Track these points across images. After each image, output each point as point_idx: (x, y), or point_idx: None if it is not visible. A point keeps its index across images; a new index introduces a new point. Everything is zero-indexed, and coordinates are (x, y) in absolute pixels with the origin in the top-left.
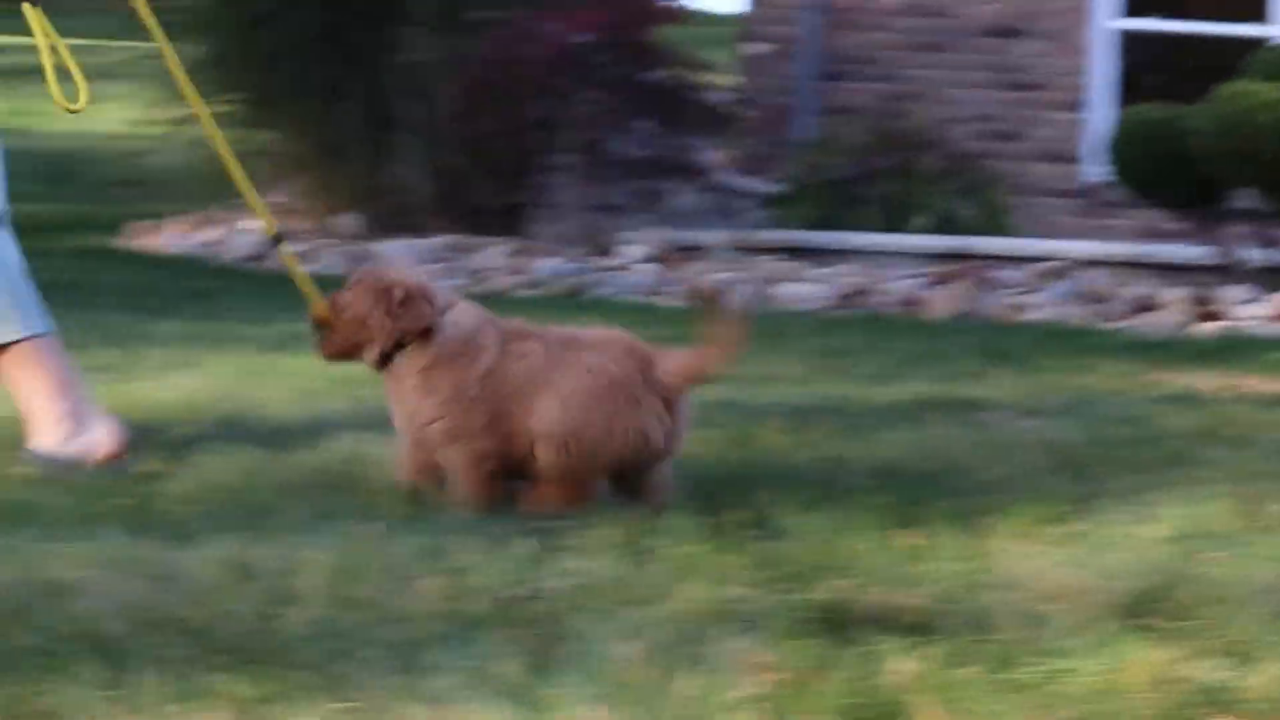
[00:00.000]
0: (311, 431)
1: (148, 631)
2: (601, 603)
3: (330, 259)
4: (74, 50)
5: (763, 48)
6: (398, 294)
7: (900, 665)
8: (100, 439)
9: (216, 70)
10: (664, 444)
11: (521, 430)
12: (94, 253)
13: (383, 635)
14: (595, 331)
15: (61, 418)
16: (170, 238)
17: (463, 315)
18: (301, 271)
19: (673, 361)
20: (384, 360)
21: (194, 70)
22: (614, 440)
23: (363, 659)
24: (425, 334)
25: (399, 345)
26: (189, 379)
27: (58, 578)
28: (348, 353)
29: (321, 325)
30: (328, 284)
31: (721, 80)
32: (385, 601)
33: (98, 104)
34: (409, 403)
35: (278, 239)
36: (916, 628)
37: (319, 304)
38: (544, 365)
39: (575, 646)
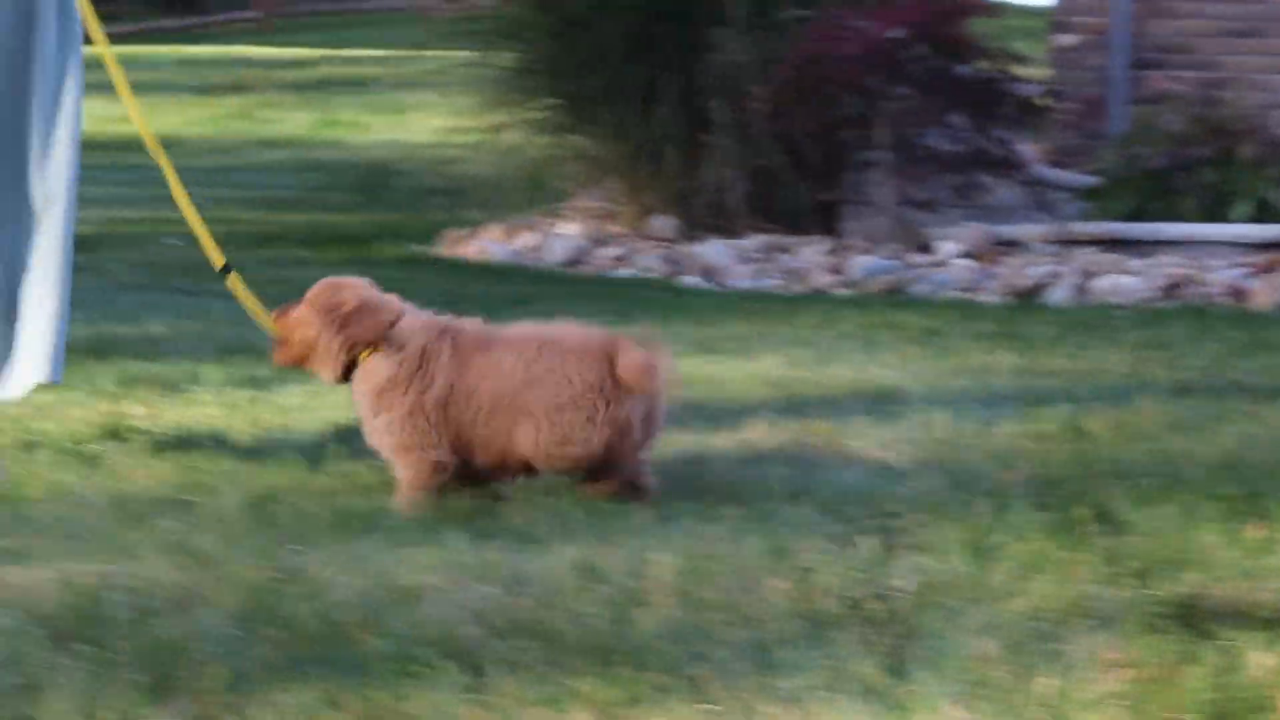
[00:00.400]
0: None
1: (502, 636)
2: (951, 601)
3: (647, 261)
4: (380, 61)
5: (1073, 39)
6: (345, 309)
7: (1262, 660)
8: None
9: (530, 76)
10: (643, 434)
11: (499, 447)
12: (412, 261)
13: (735, 636)
14: (562, 331)
15: None
16: (486, 245)
17: (414, 327)
18: (248, 295)
19: (630, 358)
20: (345, 374)
21: (508, 77)
22: (598, 441)
23: (717, 660)
24: (376, 346)
25: (352, 360)
26: None
27: (406, 583)
28: (299, 363)
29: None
30: (646, 286)
31: (1033, 73)
32: (735, 602)
33: (410, 113)
34: (364, 419)
35: (225, 269)
36: (1272, 622)
37: (266, 320)
38: (516, 384)
39: (929, 645)
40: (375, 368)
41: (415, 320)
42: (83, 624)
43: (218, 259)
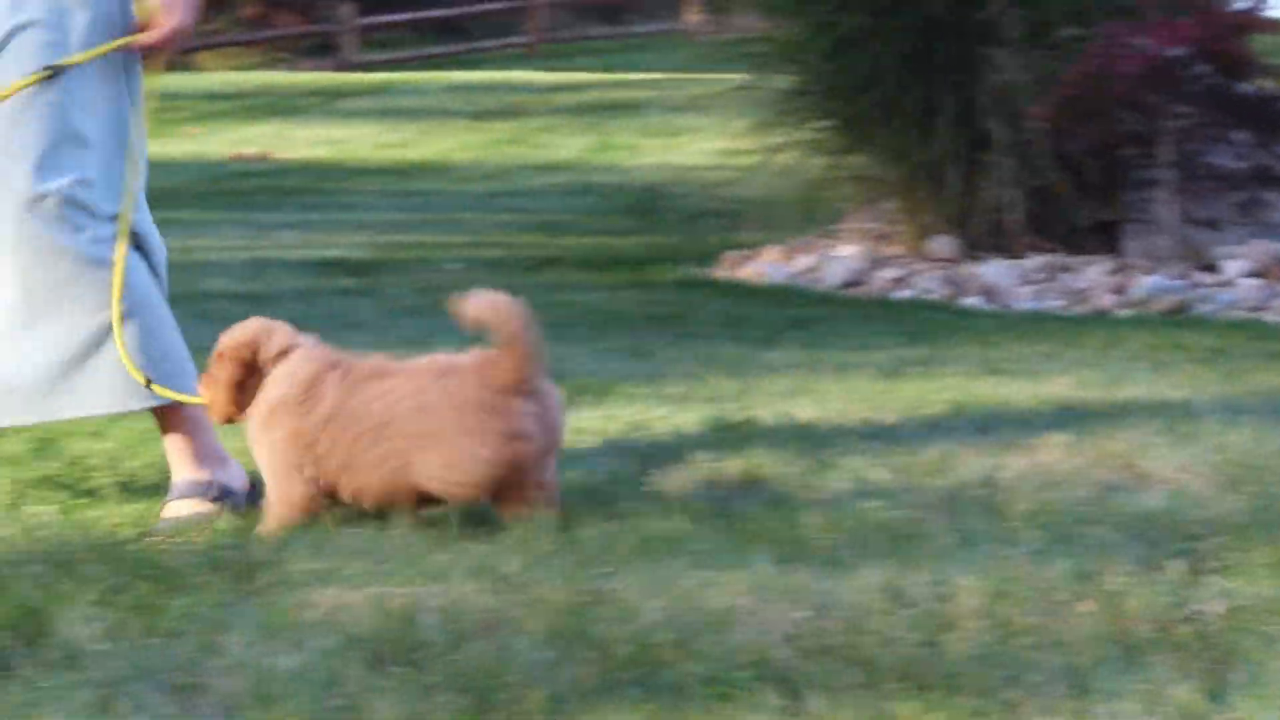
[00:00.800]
0: (942, 455)
1: (814, 659)
2: (1263, 624)
3: (926, 282)
4: (651, 85)
5: None
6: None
7: None
8: None
9: (805, 98)
10: (543, 440)
11: (389, 472)
12: (692, 284)
13: (1046, 660)
14: (456, 358)
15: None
16: (764, 266)
17: (309, 357)
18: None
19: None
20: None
21: (782, 98)
22: (500, 461)
23: (1031, 684)
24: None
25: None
26: (809, 407)
27: (716, 606)
28: (232, 417)
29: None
30: (927, 307)
31: None
32: (1044, 626)
33: (682, 135)
34: (251, 439)
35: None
36: None
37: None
38: (407, 409)
39: (1246, 669)
40: (269, 390)
41: (312, 351)
42: (398, 646)
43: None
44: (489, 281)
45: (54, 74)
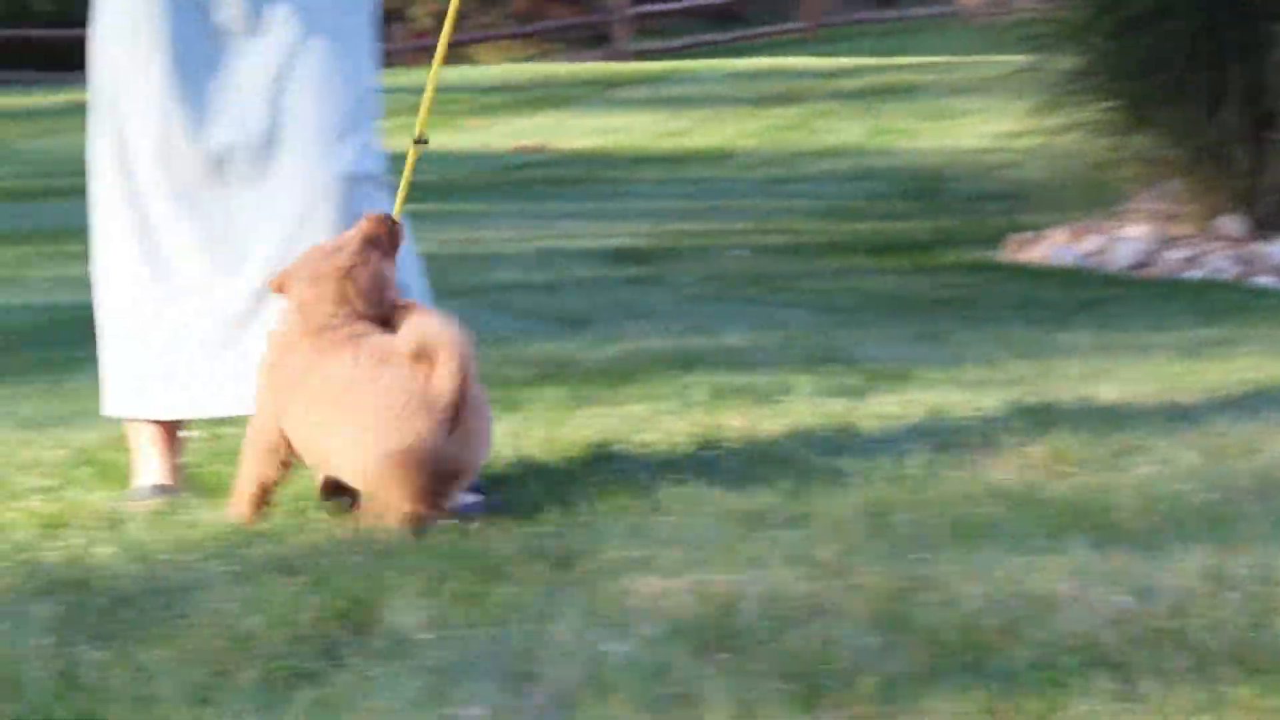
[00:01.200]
0: (1249, 436)
1: (1142, 644)
2: None
3: (1217, 262)
4: (928, 69)
5: None
6: None
7: None
8: None
9: (1088, 78)
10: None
11: (317, 456)
12: (977, 267)
13: None
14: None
15: None
16: (1050, 249)
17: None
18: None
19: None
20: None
21: (1064, 79)
22: (393, 459)
23: None
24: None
25: None
26: (1109, 389)
27: (1039, 591)
28: None
29: None
30: (1219, 287)
31: None
32: None
33: (960, 119)
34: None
35: (420, 140)
36: None
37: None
38: (335, 390)
39: None
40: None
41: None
42: (722, 634)
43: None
44: (775, 268)
45: None
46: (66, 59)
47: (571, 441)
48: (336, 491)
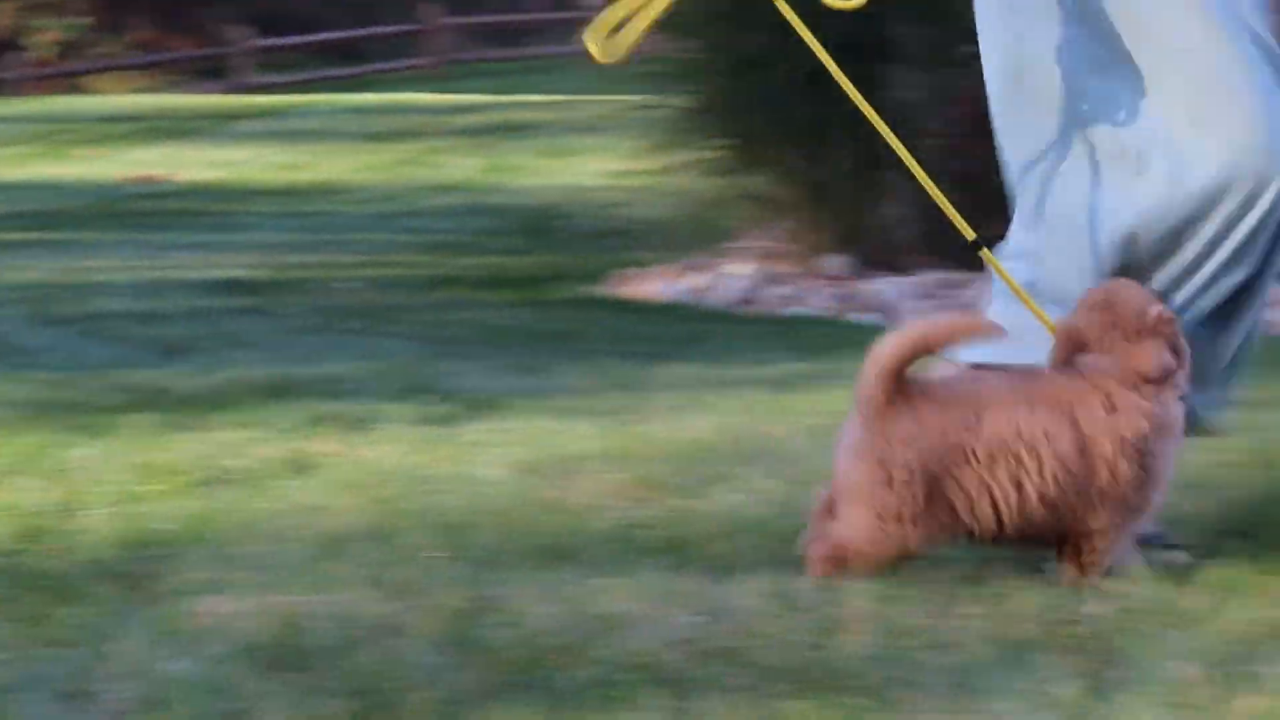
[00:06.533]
0: (830, 465)
1: (704, 662)
2: (1148, 625)
3: (819, 300)
4: (547, 106)
5: None
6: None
7: None
8: None
9: (705, 116)
10: None
11: None
12: (583, 302)
13: (934, 660)
14: None
15: None
16: (656, 285)
17: None
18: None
19: None
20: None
21: (679, 118)
22: None
23: (918, 683)
24: None
25: None
26: (700, 420)
27: (607, 612)
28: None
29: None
30: (818, 323)
31: None
32: (932, 628)
33: (578, 156)
34: None
35: (976, 244)
36: None
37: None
38: None
39: (1129, 669)
40: None
41: None
42: (289, 653)
43: (968, 232)
44: (384, 300)
45: None
46: None
47: (158, 467)
48: None
